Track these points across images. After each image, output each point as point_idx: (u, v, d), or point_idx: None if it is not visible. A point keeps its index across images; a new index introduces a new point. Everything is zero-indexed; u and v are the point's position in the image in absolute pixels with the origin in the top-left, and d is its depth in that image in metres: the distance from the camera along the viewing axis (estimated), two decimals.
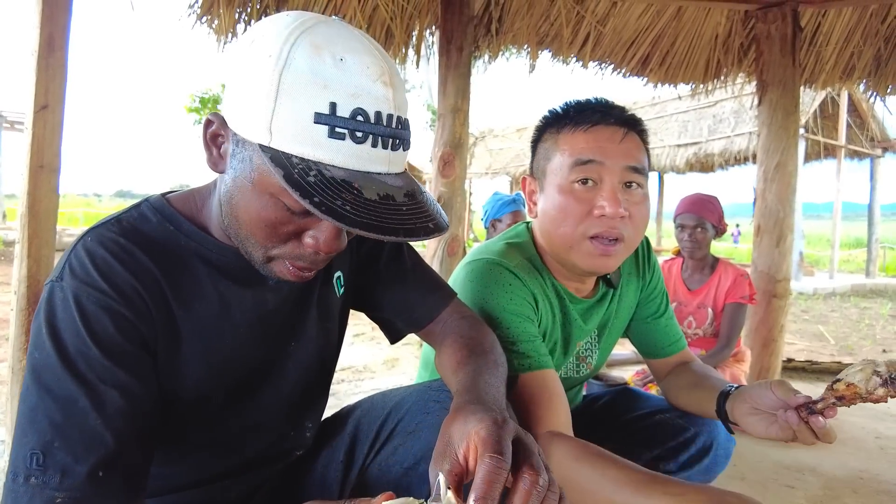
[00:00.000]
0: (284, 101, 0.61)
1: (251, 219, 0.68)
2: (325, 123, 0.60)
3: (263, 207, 0.66)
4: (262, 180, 0.65)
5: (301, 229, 0.68)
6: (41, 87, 1.76)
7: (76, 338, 0.64)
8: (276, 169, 0.61)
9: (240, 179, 0.67)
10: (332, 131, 0.61)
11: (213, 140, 0.70)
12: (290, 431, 0.89)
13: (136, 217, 0.75)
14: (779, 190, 2.86)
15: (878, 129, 10.42)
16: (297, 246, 0.69)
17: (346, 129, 0.61)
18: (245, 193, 0.67)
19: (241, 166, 0.67)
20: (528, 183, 1.16)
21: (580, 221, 1.03)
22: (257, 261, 0.72)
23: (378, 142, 0.63)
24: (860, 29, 3.18)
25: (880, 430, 2.48)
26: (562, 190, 1.05)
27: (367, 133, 0.62)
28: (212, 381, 0.77)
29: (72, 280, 0.67)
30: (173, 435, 0.77)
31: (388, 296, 0.95)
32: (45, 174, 1.79)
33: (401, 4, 3.01)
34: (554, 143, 1.09)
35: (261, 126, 0.62)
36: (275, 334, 0.83)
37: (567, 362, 1.23)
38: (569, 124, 1.07)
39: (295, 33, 0.62)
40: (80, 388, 0.62)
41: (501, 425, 0.59)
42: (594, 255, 1.04)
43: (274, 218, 0.67)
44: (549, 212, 1.08)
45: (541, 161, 1.12)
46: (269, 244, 0.69)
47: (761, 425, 0.95)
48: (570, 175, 1.04)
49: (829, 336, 5.33)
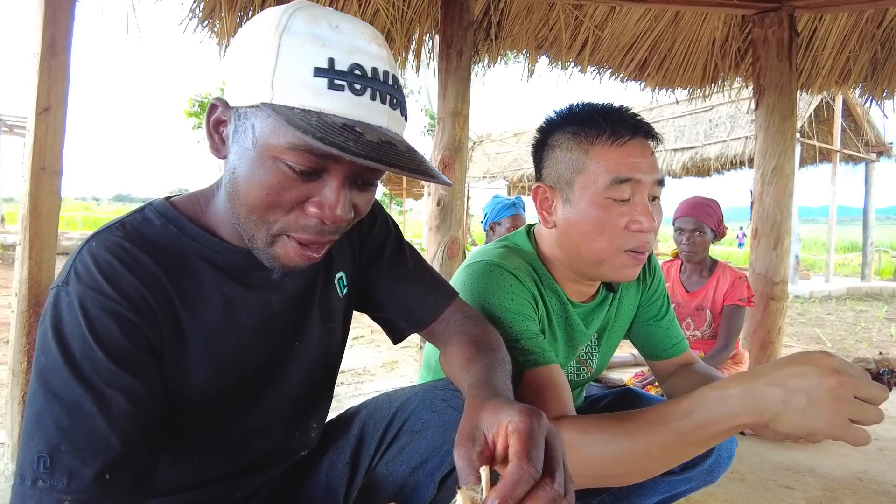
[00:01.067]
0: (284, 58, 0.64)
1: (253, 190, 0.68)
2: (324, 76, 0.63)
3: (265, 173, 0.66)
4: (264, 144, 0.66)
5: (304, 196, 0.68)
6: (43, 89, 1.77)
7: (82, 342, 0.65)
8: (279, 117, 0.63)
9: (241, 152, 0.68)
10: (331, 83, 0.64)
11: (216, 127, 0.72)
12: (294, 432, 0.89)
13: (140, 221, 0.75)
14: (776, 193, 2.88)
15: (872, 133, 10.49)
16: (301, 216, 0.69)
17: (345, 82, 0.64)
18: (247, 164, 0.68)
19: (242, 138, 0.68)
20: (543, 191, 1.13)
21: (617, 236, 1.05)
22: (261, 245, 0.71)
23: (377, 96, 0.66)
24: (856, 33, 3.21)
25: (878, 432, 2.49)
26: (597, 205, 1.04)
27: (365, 86, 0.65)
28: (217, 383, 0.77)
29: (77, 284, 0.67)
30: (179, 436, 0.77)
31: (390, 296, 0.96)
32: (47, 176, 1.80)
33: (401, 9, 3.02)
34: (584, 155, 1.06)
35: (263, 86, 0.64)
36: (279, 335, 0.83)
37: (568, 366, 1.23)
38: (602, 136, 1.05)
39: (293, 7, 0.67)
40: (86, 391, 0.63)
41: (538, 419, 0.58)
42: (629, 266, 1.07)
43: (276, 183, 0.66)
44: (580, 225, 1.07)
45: (563, 171, 1.09)
46: (271, 217, 0.69)
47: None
48: (608, 191, 1.03)
49: (826, 339, 5.35)
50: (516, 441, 0.55)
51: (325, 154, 0.64)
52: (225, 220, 0.77)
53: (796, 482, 1.96)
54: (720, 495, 1.85)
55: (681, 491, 1.22)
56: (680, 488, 1.21)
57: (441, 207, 2.75)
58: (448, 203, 2.75)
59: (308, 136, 0.59)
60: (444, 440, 0.80)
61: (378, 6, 2.98)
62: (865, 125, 10.29)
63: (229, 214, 0.75)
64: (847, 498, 1.87)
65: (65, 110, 1.82)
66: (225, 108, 0.71)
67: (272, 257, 0.72)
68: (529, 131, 16.49)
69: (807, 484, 1.95)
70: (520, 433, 0.56)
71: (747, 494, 1.87)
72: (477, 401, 0.65)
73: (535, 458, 0.54)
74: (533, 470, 0.53)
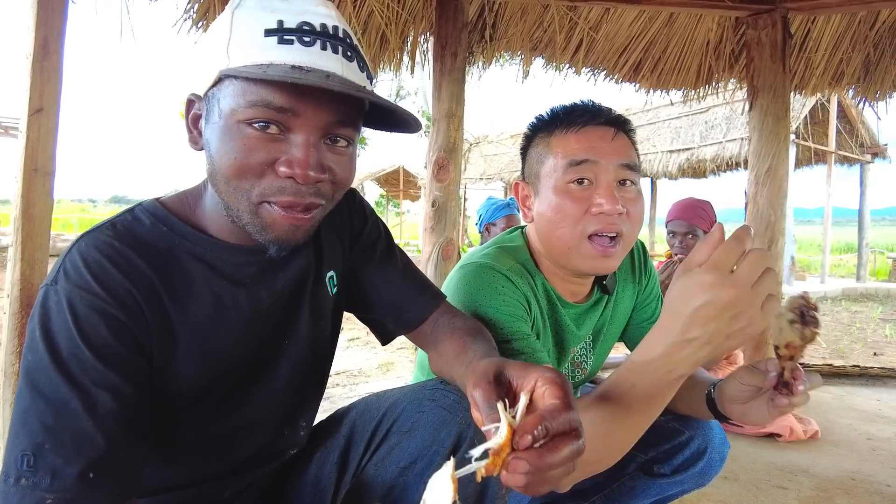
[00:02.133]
0: (237, 29, 0.68)
1: (225, 158, 0.69)
2: (273, 35, 0.67)
3: (233, 138, 0.68)
4: (228, 111, 0.68)
5: (273, 157, 0.69)
6: (36, 90, 1.76)
7: (69, 341, 0.65)
8: (233, 80, 0.67)
9: (212, 129, 0.70)
10: (280, 39, 0.67)
11: (195, 123, 0.75)
12: (283, 430, 0.89)
13: (129, 220, 0.75)
14: (770, 194, 2.89)
15: (867, 134, 10.53)
16: (275, 178, 0.69)
17: (294, 37, 0.67)
18: (217, 137, 0.70)
19: (212, 117, 0.70)
20: (522, 188, 1.17)
21: (578, 221, 1.04)
22: (247, 217, 0.71)
23: (327, 46, 0.68)
24: (849, 35, 3.23)
25: (872, 431, 2.50)
26: (557, 191, 1.06)
27: (314, 39, 0.68)
28: (207, 381, 0.77)
29: (66, 283, 0.67)
30: (168, 435, 0.77)
31: (379, 296, 0.96)
32: (40, 177, 1.79)
33: (395, 10, 3.03)
34: (546, 147, 1.09)
35: (220, 57, 0.68)
36: (269, 333, 0.83)
37: (562, 369, 1.23)
38: (559, 127, 1.08)
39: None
40: (71, 390, 0.62)
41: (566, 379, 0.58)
42: (595, 256, 1.05)
43: (244, 145, 0.68)
44: (546, 214, 1.08)
45: (533, 165, 1.13)
46: (246, 183, 0.69)
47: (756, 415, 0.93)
48: (565, 176, 1.05)
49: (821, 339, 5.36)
50: (555, 391, 0.55)
51: (282, 107, 0.66)
52: (214, 216, 0.78)
53: (789, 482, 1.97)
54: (713, 496, 1.85)
55: (673, 493, 1.22)
56: (672, 490, 1.21)
57: (436, 208, 2.75)
58: (443, 204, 2.75)
59: (261, 70, 0.63)
60: (433, 440, 0.80)
61: (373, 7, 2.98)
62: (860, 127, 10.33)
63: (217, 205, 0.75)
64: (840, 498, 1.87)
65: (57, 111, 1.81)
66: (199, 102, 0.73)
67: (262, 228, 0.72)
68: None
69: (800, 484, 1.96)
70: (557, 385, 0.56)
71: (740, 495, 1.87)
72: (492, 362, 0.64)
73: (571, 405, 0.54)
74: (574, 416, 0.53)
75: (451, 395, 0.83)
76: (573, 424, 0.53)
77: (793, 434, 2.31)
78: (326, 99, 0.68)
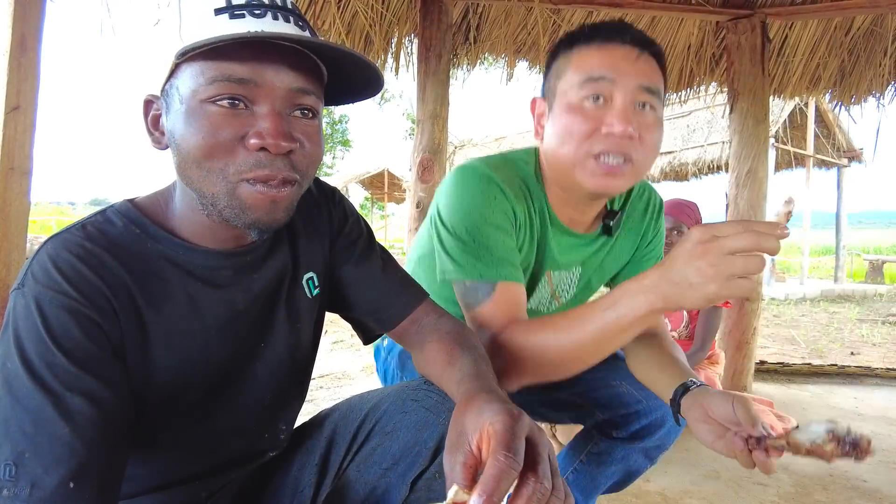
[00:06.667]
0: (187, 14, 0.68)
1: (192, 139, 0.67)
2: (224, 12, 0.67)
3: (198, 119, 0.67)
4: (188, 93, 0.67)
5: (241, 131, 0.67)
6: (13, 87, 1.73)
7: (40, 345, 0.63)
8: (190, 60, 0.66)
9: (175, 118, 0.69)
10: (231, 15, 0.67)
11: (155, 124, 0.74)
12: (262, 433, 0.88)
13: (101, 222, 0.74)
14: (750, 196, 2.93)
15: (843, 139, 10.75)
16: (247, 153, 0.68)
17: (245, 11, 0.67)
18: (181, 122, 0.68)
19: (173, 106, 0.69)
20: (538, 105, 1.12)
21: (585, 139, 0.99)
22: (225, 200, 0.69)
23: (279, 16, 0.68)
24: (825, 41, 3.30)
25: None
26: (570, 108, 1.01)
27: (265, 10, 0.68)
28: (182, 383, 0.76)
29: (34, 285, 0.65)
30: (144, 437, 0.75)
31: (359, 295, 0.95)
32: (16, 177, 1.75)
33: (380, 11, 3.03)
34: (566, 61, 1.04)
35: (173, 46, 0.67)
36: (244, 336, 0.82)
37: (536, 290, 1.20)
38: (582, 41, 1.03)
39: None
40: (46, 397, 0.61)
41: (517, 419, 0.59)
42: (599, 174, 1.00)
43: (210, 123, 0.66)
44: (556, 129, 1.04)
45: (552, 80, 1.08)
46: (219, 163, 0.67)
47: (710, 436, 0.90)
48: (581, 91, 1.00)
49: (801, 339, 5.45)
50: (494, 440, 0.57)
51: (243, 78, 0.66)
52: (186, 217, 0.76)
53: (770, 479, 2.00)
54: (696, 493, 1.87)
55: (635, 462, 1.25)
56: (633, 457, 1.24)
57: (420, 209, 2.75)
58: (427, 205, 2.74)
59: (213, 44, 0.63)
60: (415, 441, 0.80)
61: (357, 8, 2.98)
62: (837, 131, 10.54)
63: (189, 204, 0.74)
64: (818, 493, 1.90)
65: (35, 109, 1.78)
66: (157, 101, 0.73)
67: (241, 210, 0.69)
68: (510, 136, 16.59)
69: (780, 481, 1.99)
70: (497, 432, 0.57)
71: (722, 492, 1.89)
72: (465, 400, 0.66)
73: (515, 451, 0.55)
74: (512, 462, 0.54)
75: (433, 396, 0.82)
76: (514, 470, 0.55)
77: None
78: (286, 66, 0.68)
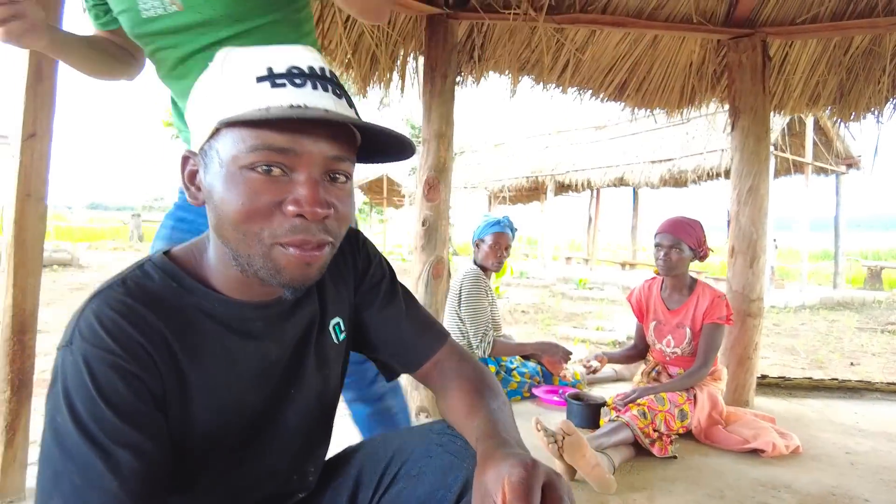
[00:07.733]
0: (228, 80, 0.70)
1: (231, 204, 0.70)
2: (265, 81, 0.69)
3: (237, 184, 0.69)
4: (229, 158, 0.69)
5: (279, 198, 0.70)
6: (29, 115, 1.76)
7: (88, 401, 0.66)
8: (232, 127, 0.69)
9: (213, 179, 0.71)
10: (273, 83, 0.69)
11: (192, 179, 0.77)
12: (292, 475, 0.91)
13: (140, 276, 0.77)
14: (751, 213, 2.97)
15: (842, 146, 10.81)
16: (284, 219, 0.70)
17: (286, 80, 0.69)
18: (221, 185, 0.70)
19: (212, 168, 0.71)
20: None
21: None
22: (260, 262, 0.72)
23: (318, 86, 0.71)
24: (825, 59, 3.34)
25: (850, 445, 2.57)
26: None
27: (305, 79, 0.70)
28: (219, 431, 0.79)
29: (82, 343, 0.68)
30: (182, 483, 0.78)
31: (382, 338, 0.98)
32: (32, 203, 1.79)
33: (386, 31, 3.06)
34: None
35: (215, 109, 0.70)
36: (276, 384, 0.85)
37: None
38: None
39: (228, 48, 0.75)
40: (94, 451, 0.64)
41: (532, 470, 0.63)
42: None
43: (250, 189, 0.69)
44: None
45: None
46: (256, 227, 0.70)
47: None
48: None
49: (801, 350, 5.48)
50: (510, 492, 0.61)
51: (283, 147, 0.68)
52: (219, 271, 0.79)
53: (773, 498, 2.02)
54: None
55: None
56: None
57: (426, 228, 2.78)
58: (433, 223, 2.78)
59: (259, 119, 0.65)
60: (440, 485, 0.83)
61: (363, 28, 3.01)
62: (835, 139, 10.60)
63: (222, 259, 0.77)
64: None
65: (50, 136, 1.82)
66: (194, 157, 0.76)
67: (275, 271, 0.72)
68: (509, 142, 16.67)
69: (783, 500, 2.01)
70: (512, 484, 0.61)
71: None
72: (483, 460, 0.70)
73: (531, 501, 0.59)
74: None
75: (457, 441, 0.85)
76: None
77: (775, 449, 2.37)
78: (324, 136, 0.70)
